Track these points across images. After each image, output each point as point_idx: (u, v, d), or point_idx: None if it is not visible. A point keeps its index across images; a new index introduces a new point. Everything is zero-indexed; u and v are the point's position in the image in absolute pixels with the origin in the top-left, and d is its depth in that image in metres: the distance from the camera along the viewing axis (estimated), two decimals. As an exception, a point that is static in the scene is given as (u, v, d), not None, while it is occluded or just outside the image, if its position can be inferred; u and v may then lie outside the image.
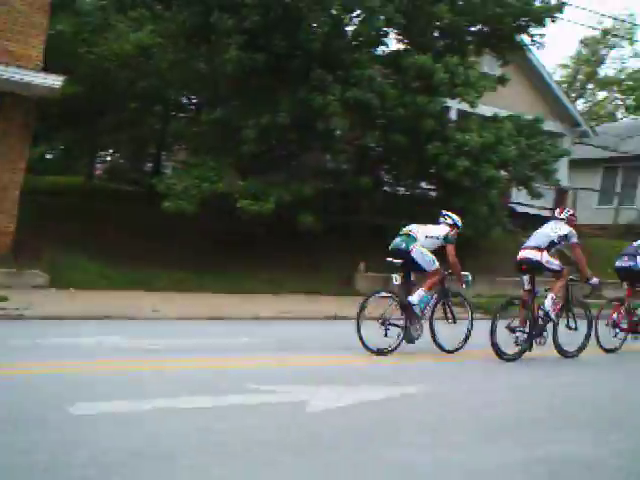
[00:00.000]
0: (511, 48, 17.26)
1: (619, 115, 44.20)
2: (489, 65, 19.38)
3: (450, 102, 16.34)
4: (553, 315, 8.46)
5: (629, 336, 9.97)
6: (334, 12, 13.42)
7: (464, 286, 8.69)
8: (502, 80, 16.85)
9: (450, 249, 8.40)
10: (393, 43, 16.30)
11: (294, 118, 13.05)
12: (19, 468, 3.60)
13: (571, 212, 9.60)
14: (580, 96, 40.30)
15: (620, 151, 28.41)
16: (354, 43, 14.32)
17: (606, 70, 40.92)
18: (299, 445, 4.39)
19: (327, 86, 13.08)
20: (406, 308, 8.08)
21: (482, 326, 8.30)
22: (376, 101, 13.44)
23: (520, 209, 22.07)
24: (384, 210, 16.44)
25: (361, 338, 7.80)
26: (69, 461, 3.71)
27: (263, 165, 13.74)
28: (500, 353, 8.09)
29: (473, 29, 16.74)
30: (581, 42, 36.08)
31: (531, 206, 21.97)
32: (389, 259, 8.33)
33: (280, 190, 12.77)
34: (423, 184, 17.15)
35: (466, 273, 8.66)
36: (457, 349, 8.55)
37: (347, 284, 14.91)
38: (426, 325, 8.42)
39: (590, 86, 40.84)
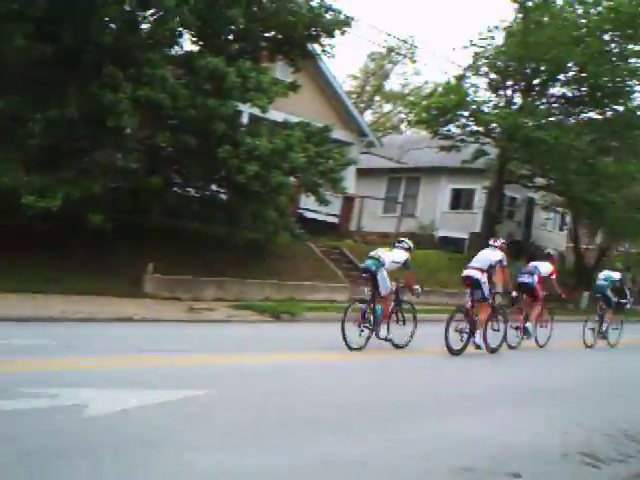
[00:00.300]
0: (303, 56, 18.68)
1: (403, 128, 48.87)
2: (282, 71, 20.79)
3: (242, 106, 17.18)
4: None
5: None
6: (128, 8, 13.90)
7: (415, 297, 11.88)
8: (293, 87, 18.07)
9: (408, 273, 11.69)
10: (188, 44, 17.02)
11: (84, 113, 13.25)
12: None
13: (502, 241, 12.92)
14: (368, 107, 43.85)
15: (403, 162, 31.43)
16: (149, 42, 14.77)
17: (391, 84, 45.07)
18: (71, 451, 4.72)
19: (118, 83, 13.40)
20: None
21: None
22: (168, 101, 13.90)
23: (308, 215, 23.63)
24: (175, 211, 17.10)
25: (345, 337, 10.33)
26: None
27: (52, 160, 13.73)
28: (450, 349, 11.14)
29: (267, 35, 17.94)
30: (368, 56, 39.32)
31: (319, 212, 23.78)
32: (364, 275, 11.43)
33: (68, 187, 12.90)
34: (214, 187, 17.84)
35: (417, 287, 11.70)
36: (406, 344, 11.43)
37: (136, 285, 15.39)
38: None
39: (377, 98, 44.64)
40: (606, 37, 25.70)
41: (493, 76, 26.89)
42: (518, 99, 27.08)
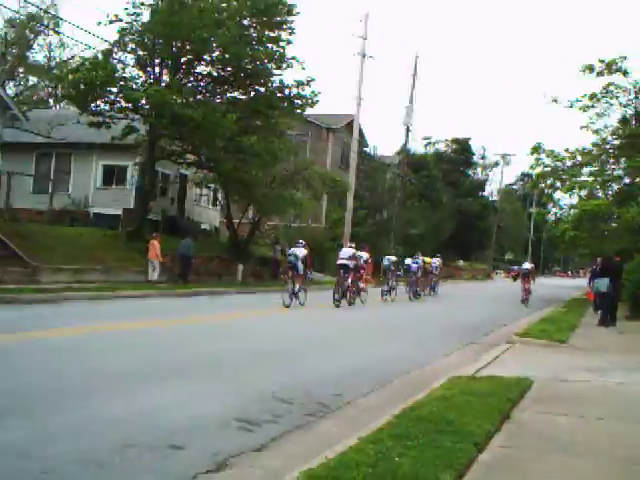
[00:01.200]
0: None
1: (52, 102, 46.61)
2: None
3: None
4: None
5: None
6: None
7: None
8: None
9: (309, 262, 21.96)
10: None
11: None
12: None
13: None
14: (10, 79, 41.01)
15: (52, 138, 30.30)
16: None
17: (36, 55, 42.62)
18: None
19: None
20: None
21: None
22: None
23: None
24: None
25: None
26: None
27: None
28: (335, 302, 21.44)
29: None
30: (7, 22, 36.69)
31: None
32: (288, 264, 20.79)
33: None
34: None
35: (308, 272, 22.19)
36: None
37: None
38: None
39: (21, 70, 41.94)
40: (245, 22, 27.62)
41: (141, 53, 27.18)
42: (166, 77, 27.76)
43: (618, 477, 5.31)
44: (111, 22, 26.10)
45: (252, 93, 29.73)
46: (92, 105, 27.33)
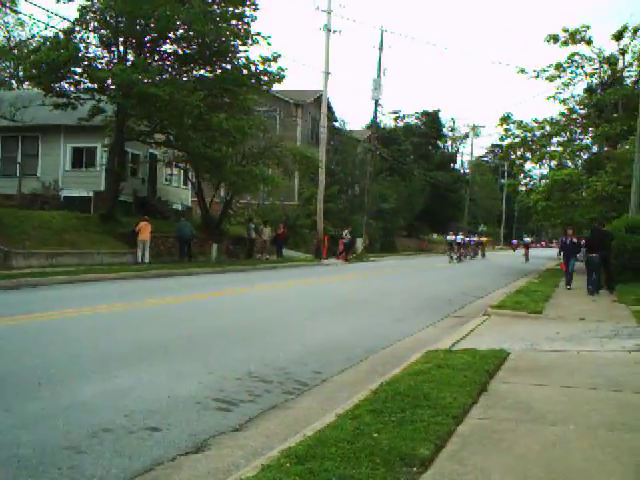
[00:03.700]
0: None
1: (14, 83, 45.70)
2: None
3: None
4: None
5: None
6: None
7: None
8: None
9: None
10: None
11: None
12: None
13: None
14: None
15: (17, 121, 29.74)
16: None
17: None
18: None
19: None
20: None
21: None
22: None
23: None
24: None
25: None
26: None
27: None
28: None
29: None
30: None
31: None
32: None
33: None
34: None
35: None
36: None
37: None
38: None
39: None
40: (208, -1, 27.23)
41: (104, 31, 26.68)
42: (131, 56, 27.33)
43: (593, 444, 5.39)
44: (71, 0, 25.55)
45: (218, 71, 29.37)
46: (56, 86, 26.85)
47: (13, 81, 45.43)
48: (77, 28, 26.16)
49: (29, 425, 5.72)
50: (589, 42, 30.88)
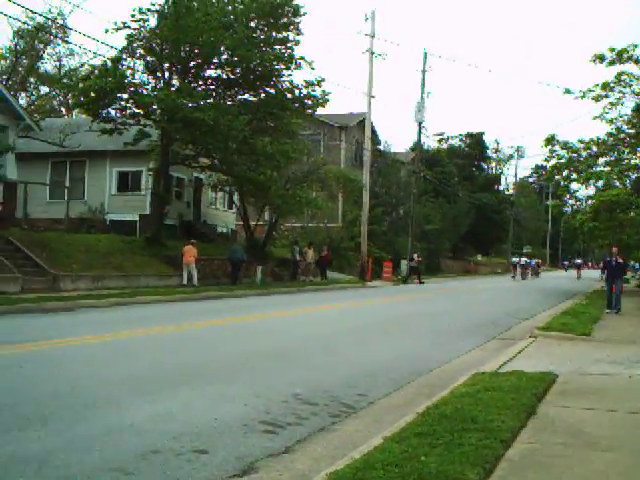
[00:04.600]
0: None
1: (63, 110, 46.94)
2: None
3: None
4: None
5: None
6: None
7: None
8: None
9: None
10: None
11: None
12: None
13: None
14: (22, 90, 41.37)
15: (65, 146, 30.56)
16: None
17: (46, 65, 42.89)
18: None
19: None
20: None
21: None
22: None
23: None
24: None
25: None
26: None
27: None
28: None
29: None
30: (16, 34, 36.97)
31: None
32: None
33: None
34: None
35: None
36: None
37: None
38: None
39: (32, 80, 42.27)
40: (252, 24, 27.67)
41: (150, 58, 27.31)
42: (176, 81, 27.88)
43: (647, 470, 5.26)
44: (118, 29, 26.25)
45: (262, 95, 29.81)
46: (103, 112, 27.51)
47: (62, 108, 46.71)
48: (124, 56, 26.83)
49: (79, 446, 5.79)
50: (637, 61, 30.44)
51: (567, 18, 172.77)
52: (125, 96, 26.76)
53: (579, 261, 68.81)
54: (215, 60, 27.94)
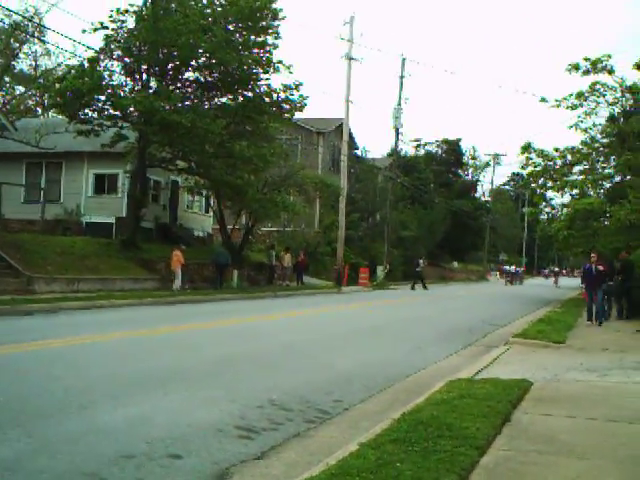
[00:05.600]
0: None
1: (39, 111, 46.41)
2: None
3: None
4: None
5: None
6: None
7: None
8: None
9: None
10: None
11: None
12: None
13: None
14: (-3, 89, 40.97)
15: (42, 147, 30.21)
16: None
17: (22, 64, 42.42)
18: None
19: None
20: None
21: None
22: None
23: None
24: None
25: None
26: None
27: None
28: None
29: None
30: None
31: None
32: None
33: None
34: None
35: None
36: None
37: None
38: None
39: (7, 79, 41.78)
40: (230, 27, 27.59)
41: (127, 60, 27.09)
42: (154, 83, 27.70)
43: (620, 478, 5.31)
44: (96, 30, 25.99)
45: (240, 98, 29.66)
46: (80, 113, 27.23)
47: (38, 109, 46.19)
48: (102, 57, 26.60)
49: (50, 450, 5.72)
50: (611, 71, 30.80)
51: (546, 27, 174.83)
52: (102, 98, 26.47)
53: (556, 269, 75.99)
54: (193, 63, 27.78)
